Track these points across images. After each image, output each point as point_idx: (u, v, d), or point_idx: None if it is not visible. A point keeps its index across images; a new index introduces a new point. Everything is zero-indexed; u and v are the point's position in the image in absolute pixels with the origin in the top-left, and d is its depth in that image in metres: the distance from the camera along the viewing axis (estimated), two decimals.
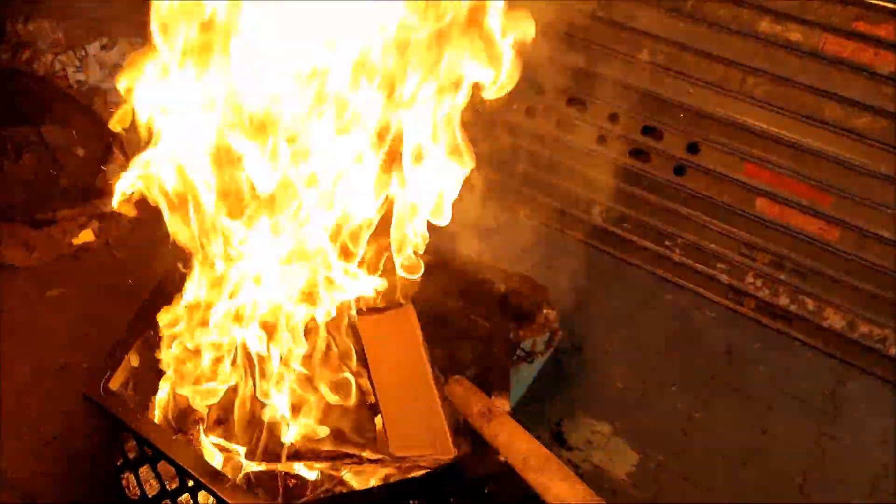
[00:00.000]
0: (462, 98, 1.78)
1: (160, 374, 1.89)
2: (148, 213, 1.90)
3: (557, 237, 3.67)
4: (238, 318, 1.78)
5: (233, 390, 1.85)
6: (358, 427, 1.85)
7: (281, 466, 1.76)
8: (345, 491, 1.76)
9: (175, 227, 1.79)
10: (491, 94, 1.77)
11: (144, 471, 1.79)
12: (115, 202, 1.75)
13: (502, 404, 1.90)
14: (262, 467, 1.75)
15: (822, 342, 3.20)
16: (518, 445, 1.66)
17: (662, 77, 3.25)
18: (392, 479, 1.75)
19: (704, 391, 2.95)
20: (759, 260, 3.27)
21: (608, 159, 3.49)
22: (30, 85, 3.48)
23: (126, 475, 1.83)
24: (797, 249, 3.17)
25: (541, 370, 2.75)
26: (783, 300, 3.26)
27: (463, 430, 1.83)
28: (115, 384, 1.78)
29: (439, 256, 2.64)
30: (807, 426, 2.88)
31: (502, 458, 1.67)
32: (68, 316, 2.78)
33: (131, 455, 1.79)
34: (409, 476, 1.74)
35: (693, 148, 3.28)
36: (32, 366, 2.58)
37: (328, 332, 1.86)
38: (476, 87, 1.78)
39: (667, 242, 3.47)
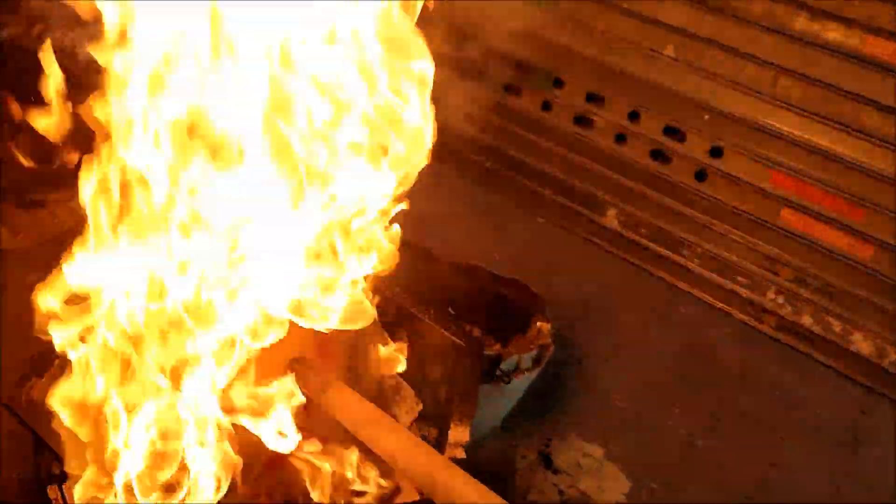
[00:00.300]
0: None
1: None
2: None
3: (568, 239, 3.48)
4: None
5: None
6: None
7: None
8: None
9: None
10: None
11: None
12: None
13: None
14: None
15: (847, 367, 2.98)
16: (350, 409, 1.66)
17: (688, 75, 3.04)
18: None
19: (711, 415, 2.74)
20: (782, 275, 3.05)
21: (627, 159, 3.29)
22: (29, 62, 3.39)
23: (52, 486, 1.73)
24: (824, 266, 2.94)
25: (534, 383, 2.57)
26: (806, 320, 3.03)
27: None
28: (40, 392, 1.67)
29: (425, 255, 2.50)
30: (823, 460, 2.66)
31: (340, 421, 1.66)
32: None
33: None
34: None
35: (716, 152, 3.07)
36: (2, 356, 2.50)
37: None
38: None
39: (684, 251, 3.26)
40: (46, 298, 1.59)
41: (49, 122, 1.58)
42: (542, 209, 3.58)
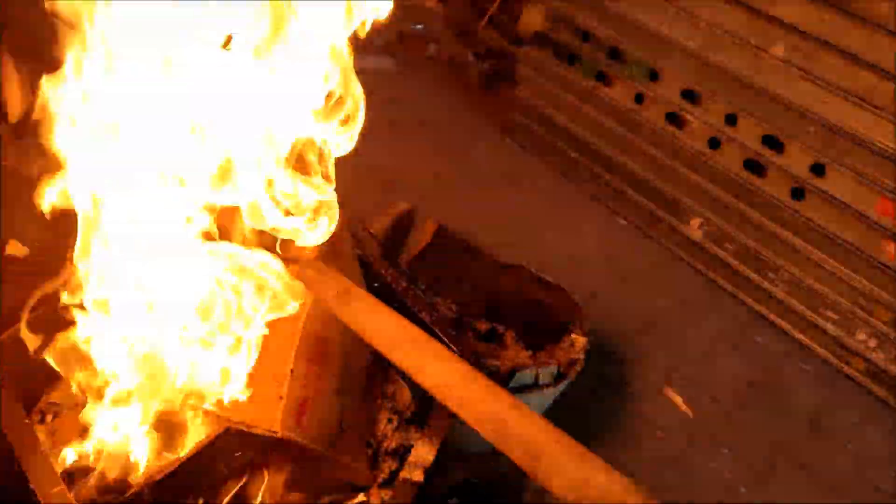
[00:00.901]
0: None
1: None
2: None
3: (645, 244, 3.23)
4: None
5: None
6: None
7: None
8: None
9: None
10: None
11: None
12: None
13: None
14: None
15: None
16: (382, 324, 1.35)
17: (796, 79, 2.70)
18: None
19: (765, 462, 2.46)
20: (877, 315, 2.69)
21: (718, 166, 2.99)
22: None
23: None
24: None
25: (570, 398, 2.38)
26: None
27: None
28: None
29: (465, 249, 2.35)
30: None
31: (366, 341, 1.37)
32: None
33: None
34: None
35: (818, 169, 2.72)
36: None
37: None
38: None
39: (770, 274, 2.94)
40: None
41: None
42: (621, 208, 3.34)
